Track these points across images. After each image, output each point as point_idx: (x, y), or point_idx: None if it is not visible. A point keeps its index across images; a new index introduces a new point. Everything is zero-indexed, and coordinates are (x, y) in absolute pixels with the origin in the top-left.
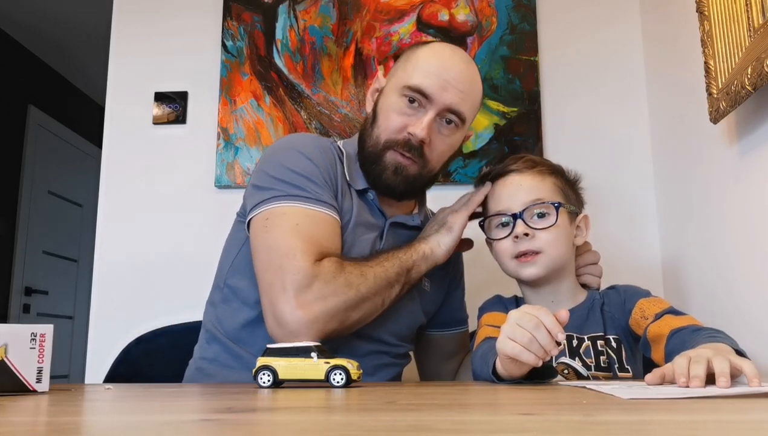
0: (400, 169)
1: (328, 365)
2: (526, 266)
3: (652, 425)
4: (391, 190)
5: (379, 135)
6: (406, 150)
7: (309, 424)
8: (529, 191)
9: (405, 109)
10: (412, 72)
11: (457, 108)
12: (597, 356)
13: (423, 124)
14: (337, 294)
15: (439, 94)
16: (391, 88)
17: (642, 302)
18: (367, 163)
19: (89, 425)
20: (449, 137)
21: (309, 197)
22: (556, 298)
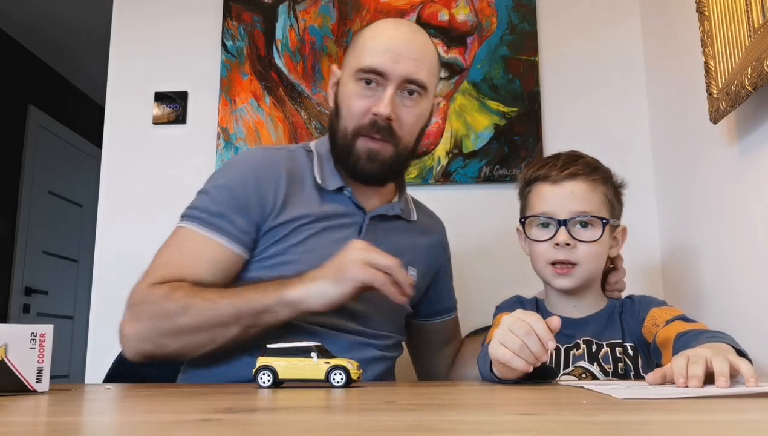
0: (373, 155)
1: (328, 365)
2: (560, 277)
3: (651, 425)
4: (370, 178)
5: (346, 126)
6: (375, 132)
7: (309, 424)
8: (580, 201)
9: (363, 92)
10: (361, 54)
11: (414, 77)
12: (615, 363)
13: (385, 101)
14: (151, 319)
15: (392, 68)
16: (346, 76)
17: (654, 311)
18: (341, 157)
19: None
20: (415, 108)
21: (205, 221)
22: (580, 303)
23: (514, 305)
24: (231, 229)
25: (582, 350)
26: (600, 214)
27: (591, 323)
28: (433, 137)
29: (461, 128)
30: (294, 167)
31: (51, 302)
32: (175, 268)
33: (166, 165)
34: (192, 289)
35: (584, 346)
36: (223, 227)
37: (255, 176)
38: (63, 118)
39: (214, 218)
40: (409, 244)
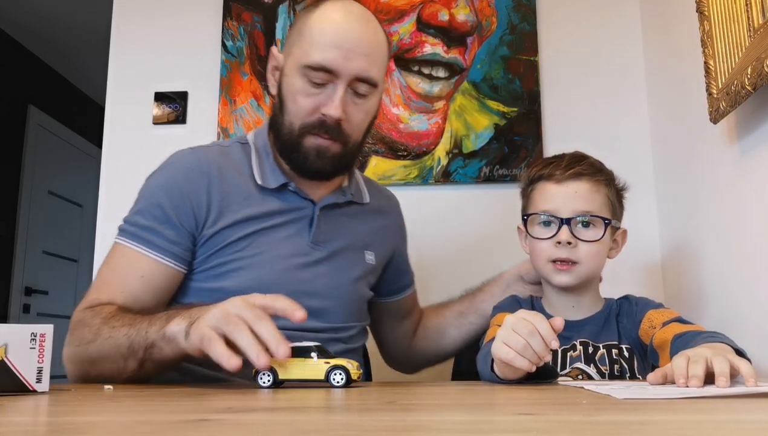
0: (322, 152)
1: (328, 365)
2: (560, 273)
3: (651, 425)
4: (319, 175)
5: (291, 121)
6: (323, 131)
7: (309, 424)
8: (584, 201)
9: (311, 89)
10: (309, 48)
11: (365, 75)
12: (612, 364)
13: (335, 103)
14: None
15: (343, 66)
16: (291, 68)
17: (651, 313)
18: (286, 151)
19: (89, 425)
20: (365, 105)
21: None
22: (578, 304)
23: (512, 304)
24: (161, 242)
25: (579, 352)
26: (602, 214)
27: (587, 324)
28: (433, 137)
29: (461, 128)
30: (228, 166)
31: (51, 302)
32: (108, 290)
33: None
34: (109, 315)
35: (581, 347)
36: (153, 242)
37: (185, 182)
38: (63, 118)
39: (144, 232)
40: (365, 228)
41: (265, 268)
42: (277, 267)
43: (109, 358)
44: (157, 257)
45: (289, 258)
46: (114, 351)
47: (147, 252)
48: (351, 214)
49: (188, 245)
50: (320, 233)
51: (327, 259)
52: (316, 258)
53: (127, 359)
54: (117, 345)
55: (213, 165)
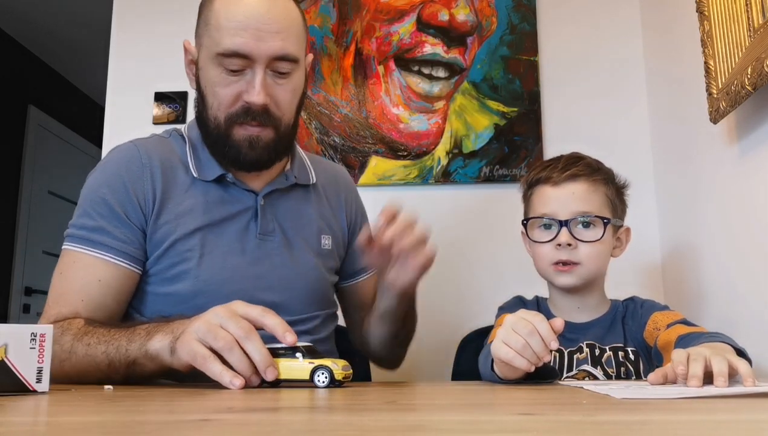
0: (254, 142)
1: (312, 365)
2: (563, 275)
3: (651, 425)
4: (256, 164)
5: (216, 115)
6: (250, 119)
7: (309, 424)
8: (581, 202)
9: (229, 78)
10: (218, 35)
11: (282, 53)
12: (618, 367)
13: (257, 89)
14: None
15: (257, 48)
16: (204, 59)
17: (656, 315)
18: (217, 147)
19: (89, 425)
20: (289, 84)
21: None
22: (583, 305)
23: (516, 305)
24: (112, 242)
25: (585, 354)
26: (601, 214)
27: (593, 326)
28: (433, 137)
29: (461, 128)
30: (168, 155)
31: None
32: (68, 301)
33: None
34: (79, 331)
35: (587, 350)
36: (104, 242)
37: (126, 174)
38: (63, 118)
39: (93, 234)
40: (315, 212)
41: (216, 267)
42: (228, 265)
43: (87, 374)
44: (110, 258)
45: (239, 254)
46: (93, 369)
47: (100, 254)
48: (298, 199)
49: (140, 242)
50: (267, 223)
51: (279, 250)
52: (267, 251)
53: (108, 374)
54: (96, 363)
55: (153, 156)
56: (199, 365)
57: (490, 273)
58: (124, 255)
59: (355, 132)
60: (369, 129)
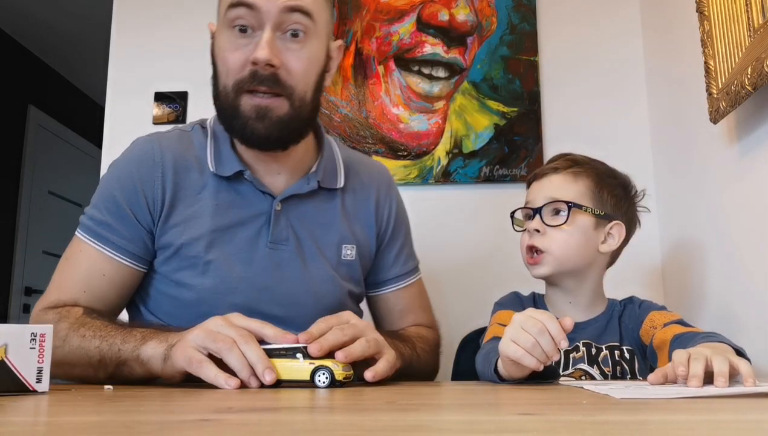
0: (263, 112)
1: (312, 366)
2: (533, 266)
3: (651, 425)
4: (263, 141)
5: (226, 84)
6: (258, 84)
7: (309, 424)
8: (554, 189)
9: (238, 41)
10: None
11: (293, 4)
12: (614, 366)
13: (262, 44)
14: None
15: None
16: (218, 27)
17: (653, 314)
18: (227, 120)
19: (89, 425)
20: (303, 49)
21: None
22: (574, 300)
23: (513, 300)
24: (118, 240)
25: (582, 353)
26: (575, 201)
27: (590, 326)
28: (433, 137)
29: (461, 128)
30: (185, 153)
31: None
32: (71, 289)
33: None
34: (76, 321)
35: (584, 349)
36: (110, 239)
37: (137, 173)
38: (63, 118)
39: (101, 228)
40: (339, 219)
41: (220, 276)
42: (233, 275)
43: (77, 365)
44: (115, 256)
45: (246, 264)
46: (84, 360)
47: (106, 251)
48: (320, 204)
49: (145, 242)
50: (280, 231)
51: (290, 260)
52: (276, 261)
53: (97, 369)
54: (88, 356)
55: (167, 154)
56: (195, 370)
57: (489, 273)
58: (128, 254)
59: (355, 132)
60: (369, 129)
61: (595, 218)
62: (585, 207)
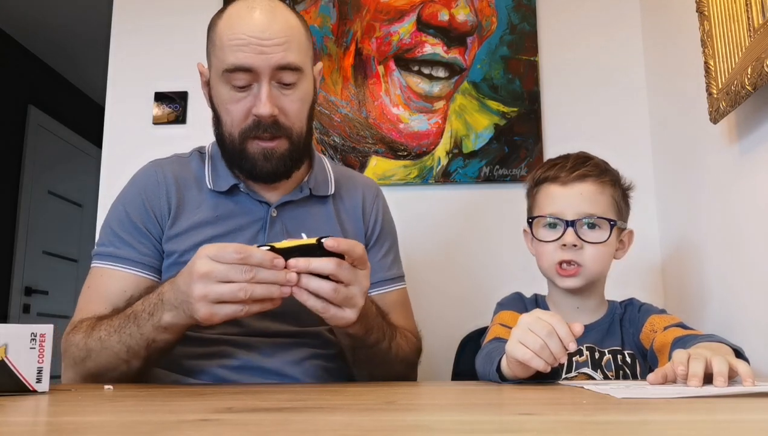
0: (269, 154)
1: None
2: (566, 278)
3: (651, 425)
4: (272, 176)
5: (230, 132)
6: (262, 132)
7: (309, 424)
8: (588, 203)
9: (237, 94)
10: (222, 54)
11: (284, 62)
12: (617, 370)
13: (263, 100)
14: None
15: (259, 61)
16: (214, 78)
17: (653, 317)
18: (235, 162)
19: (89, 425)
20: (296, 93)
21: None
22: (582, 305)
23: (515, 300)
24: (136, 256)
25: (585, 357)
26: (607, 215)
27: (593, 330)
28: (433, 137)
29: (461, 128)
30: (184, 174)
31: (51, 302)
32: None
33: None
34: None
35: (587, 352)
36: (130, 257)
37: (144, 193)
38: (63, 118)
39: (120, 250)
40: (330, 225)
41: None
42: None
43: (110, 367)
44: (135, 271)
45: None
46: (114, 359)
47: (125, 269)
48: (313, 210)
49: (159, 253)
50: (275, 235)
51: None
52: None
53: (130, 361)
54: (115, 354)
55: (169, 175)
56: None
57: (489, 273)
58: (147, 267)
59: (355, 132)
60: (369, 129)
61: (618, 230)
62: (616, 222)
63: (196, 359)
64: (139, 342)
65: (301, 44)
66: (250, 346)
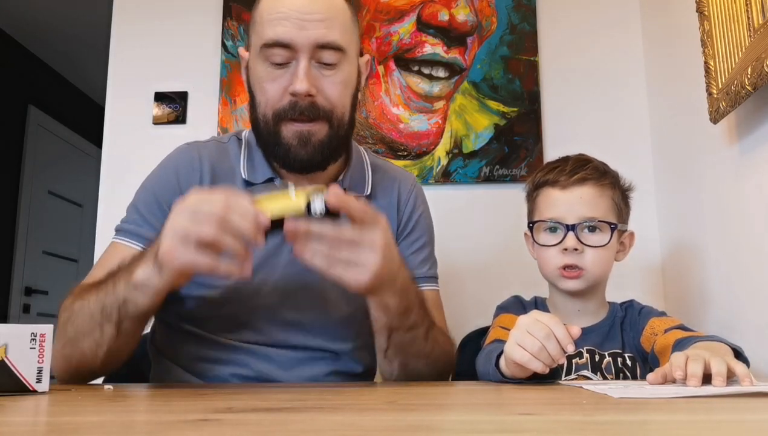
0: (305, 138)
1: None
2: (569, 280)
3: (651, 425)
4: (307, 164)
5: (264, 113)
6: (298, 114)
7: (309, 424)
8: (589, 207)
9: (274, 72)
10: (261, 29)
11: (325, 40)
12: (617, 373)
13: (300, 76)
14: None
15: (298, 36)
16: (253, 58)
17: (653, 320)
18: (268, 148)
19: (89, 425)
20: (337, 75)
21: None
22: (583, 308)
23: (515, 304)
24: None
25: (585, 359)
26: (608, 218)
27: (593, 332)
28: (433, 137)
29: (461, 128)
30: (221, 161)
31: (51, 302)
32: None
33: None
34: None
35: (587, 355)
36: (148, 236)
37: (175, 176)
38: (63, 118)
39: (141, 228)
40: None
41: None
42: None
43: (84, 331)
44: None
45: (270, 268)
46: (89, 321)
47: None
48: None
49: None
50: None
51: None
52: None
53: (103, 325)
54: (90, 314)
55: (205, 162)
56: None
57: (490, 273)
58: None
59: (355, 132)
60: (369, 129)
61: (619, 232)
62: (617, 225)
63: (211, 363)
64: (112, 302)
65: (345, 25)
66: (269, 357)
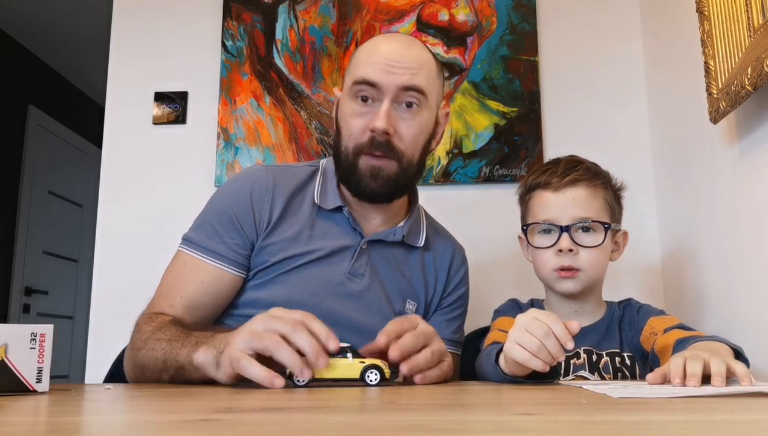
0: (376, 172)
1: (363, 365)
2: (565, 281)
3: (651, 425)
4: (374, 195)
5: (347, 145)
6: (374, 149)
7: (309, 424)
8: (582, 207)
9: (360, 109)
10: (354, 70)
11: (410, 84)
12: (615, 372)
13: (381, 115)
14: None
15: (386, 79)
16: (344, 94)
17: (653, 320)
18: (345, 176)
19: (89, 425)
20: (415, 119)
21: (199, 245)
22: (581, 309)
23: (512, 308)
24: (224, 250)
25: (583, 360)
26: (601, 218)
27: (590, 332)
28: None
29: (461, 128)
30: (296, 187)
31: (51, 302)
32: (170, 294)
33: (166, 165)
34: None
35: (585, 355)
36: (217, 250)
37: (249, 194)
38: (63, 118)
39: (210, 241)
40: (410, 274)
41: (296, 290)
42: (307, 290)
43: (149, 368)
44: (217, 264)
45: (322, 285)
46: (153, 363)
47: (209, 260)
48: (397, 257)
49: (248, 251)
50: (359, 266)
51: (360, 295)
52: (348, 290)
53: (162, 372)
54: (155, 358)
55: (279, 185)
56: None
57: (489, 273)
58: (231, 262)
59: None
60: None
61: (613, 232)
62: (610, 225)
63: None
64: (172, 361)
65: (430, 76)
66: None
